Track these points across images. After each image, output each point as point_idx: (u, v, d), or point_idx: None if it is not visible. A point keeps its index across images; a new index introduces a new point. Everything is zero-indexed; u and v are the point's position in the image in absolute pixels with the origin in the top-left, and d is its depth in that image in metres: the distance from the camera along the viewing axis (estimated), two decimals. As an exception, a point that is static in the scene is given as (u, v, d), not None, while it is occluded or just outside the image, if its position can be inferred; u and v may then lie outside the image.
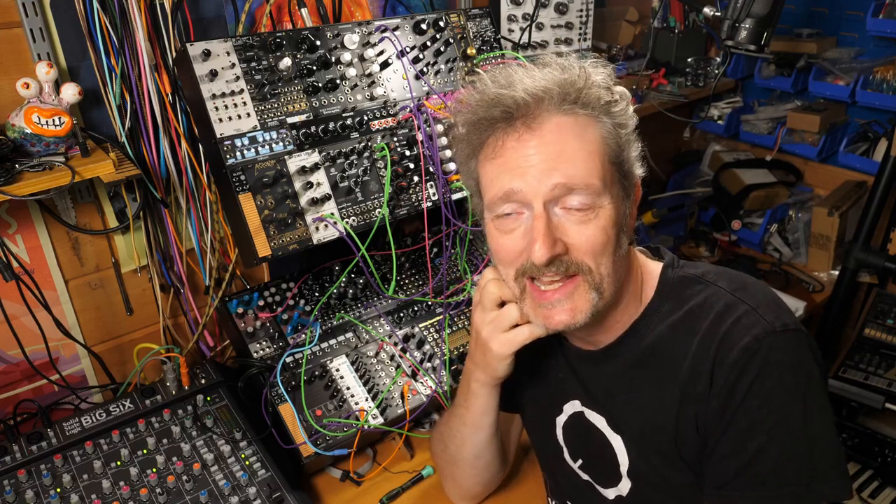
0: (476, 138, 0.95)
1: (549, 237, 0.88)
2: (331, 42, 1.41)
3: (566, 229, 0.90)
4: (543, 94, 0.89)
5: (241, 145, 1.29)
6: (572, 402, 1.10)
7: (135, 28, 1.32)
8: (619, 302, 0.99)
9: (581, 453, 1.12)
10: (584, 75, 0.91)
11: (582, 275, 0.90)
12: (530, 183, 0.89)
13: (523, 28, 1.77)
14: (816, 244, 2.44)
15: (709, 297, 0.96)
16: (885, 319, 2.21)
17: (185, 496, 1.22)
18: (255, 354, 1.43)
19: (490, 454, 1.21)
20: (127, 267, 1.53)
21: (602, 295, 0.92)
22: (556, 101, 0.89)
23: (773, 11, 1.61)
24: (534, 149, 0.89)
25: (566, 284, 0.91)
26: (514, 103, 0.89)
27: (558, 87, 0.89)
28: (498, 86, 0.92)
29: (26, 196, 1.15)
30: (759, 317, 0.91)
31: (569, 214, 0.89)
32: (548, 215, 0.89)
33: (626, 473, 1.03)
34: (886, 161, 2.11)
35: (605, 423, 1.05)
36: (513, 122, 0.91)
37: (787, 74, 2.55)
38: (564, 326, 0.93)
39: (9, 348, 1.42)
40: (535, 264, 0.89)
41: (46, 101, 1.22)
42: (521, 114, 0.90)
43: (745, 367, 0.88)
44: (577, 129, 0.90)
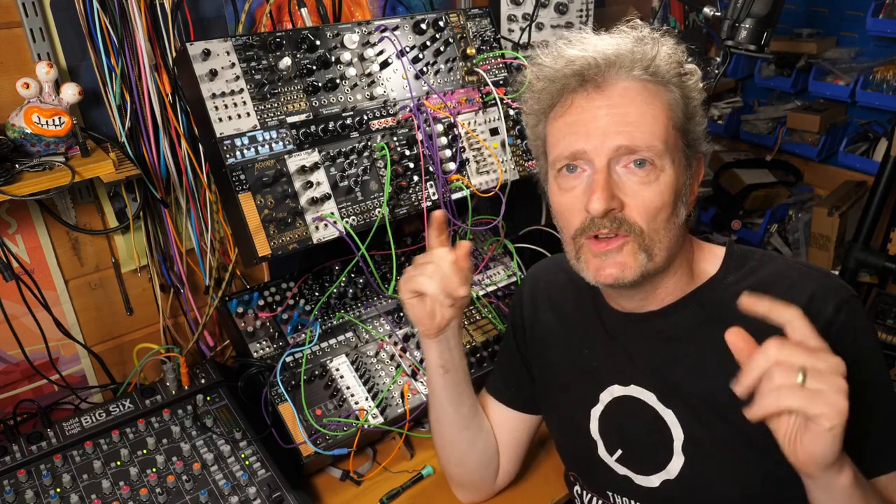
0: (547, 98, 0.99)
1: (607, 189, 0.91)
2: (331, 42, 1.41)
3: (625, 187, 0.92)
4: (615, 57, 0.93)
5: (241, 145, 1.29)
6: (609, 389, 1.09)
7: (135, 28, 1.32)
8: (671, 270, 1.00)
9: (620, 443, 1.10)
10: (657, 47, 0.95)
11: (633, 235, 0.93)
12: (594, 143, 0.92)
13: (523, 28, 1.77)
14: (816, 244, 2.45)
15: (779, 266, 1.00)
16: (885, 319, 2.21)
17: (185, 496, 1.22)
18: (255, 354, 1.43)
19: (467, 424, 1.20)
20: (127, 267, 1.53)
21: (652, 258, 0.94)
22: (627, 67, 0.93)
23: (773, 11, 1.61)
24: (601, 109, 0.92)
25: (618, 238, 0.93)
26: (586, 63, 0.93)
27: (630, 53, 0.93)
28: (571, 47, 0.96)
29: (26, 196, 1.15)
30: (836, 282, 0.96)
31: (630, 174, 0.92)
32: (608, 171, 0.92)
33: (681, 449, 1.02)
34: (886, 161, 2.11)
35: (656, 398, 1.04)
36: (584, 83, 0.94)
37: (787, 74, 2.55)
38: (613, 280, 0.95)
39: (9, 348, 1.42)
40: (591, 214, 0.92)
41: (46, 101, 1.22)
42: (591, 74, 0.93)
43: (842, 325, 0.92)
44: (646, 93, 0.93)
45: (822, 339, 0.86)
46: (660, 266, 0.96)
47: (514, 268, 1.74)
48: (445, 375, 1.15)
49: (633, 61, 0.93)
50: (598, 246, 0.94)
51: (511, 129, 1.63)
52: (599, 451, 1.12)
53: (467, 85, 1.58)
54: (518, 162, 1.64)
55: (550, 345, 1.19)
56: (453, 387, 1.17)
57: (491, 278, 1.72)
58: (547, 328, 1.20)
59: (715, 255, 1.05)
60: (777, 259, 1.03)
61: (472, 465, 1.24)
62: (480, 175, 1.58)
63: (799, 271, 0.99)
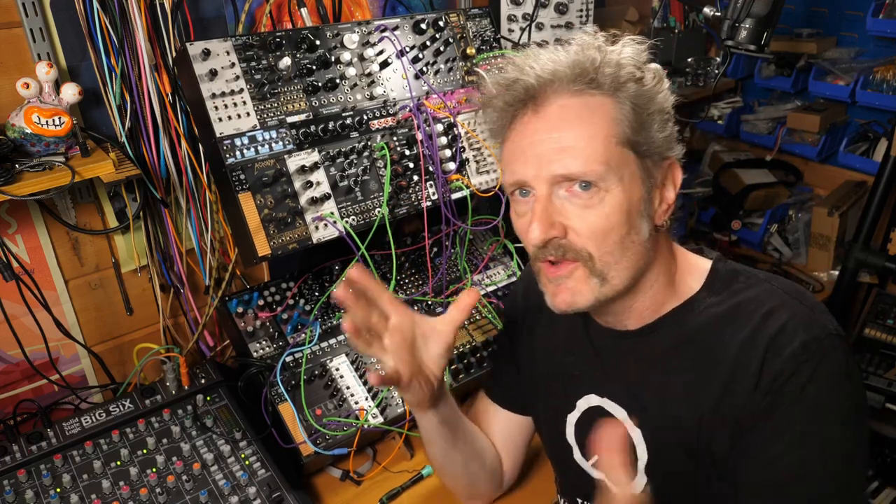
0: (499, 122, 0.97)
1: (544, 219, 0.88)
2: (330, 42, 1.41)
3: (568, 213, 0.89)
4: (552, 76, 0.89)
5: (241, 145, 1.29)
6: (587, 397, 1.08)
7: (135, 28, 1.32)
8: (642, 288, 0.96)
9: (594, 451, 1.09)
10: (604, 52, 0.89)
11: (581, 261, 0.89)
12: (532, 171, 0.89)
13: (523, 28, 1.77)
14: (816, 244, 2.44)
15: (761, 293, 0.94)
16: (885, 319, 2.21)
17: (185, 496, 1.22)
18: (254, 354, 1.43)
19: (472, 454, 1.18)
20: (127, 267, 1.53)
21: (606, 281, 0.90)
22: (566, 82, 0.88)
23: (773, 11, 1.61)
24: (538, 134, 0.90)
25: (566, 264, 0.91)
26: (523, 87, 0.90)
27: (570, 67, 0.88)
28: (513, 68, 0.93)
29: (26, 196, 1.15)
30: (815, 317, 0.89)
31: (573, 197, 0.89)
32: (550, 198, 0.89)
33: (644, 469, 1.00)
34: (886, 161, 2.11)
35: (626, 415, 1.02)
36: (523, 106, 0.92)
37: (787, 74, 2.55)
38: (566, 307, 0.92)
39: (9, 348, 1.42)
40: (532, 245, 0.90)
41: (46, 101, 1.22)
42: (530, 96, 0.90)
43: (802, 364, 0.85)
44: (584, 112, 0.88)
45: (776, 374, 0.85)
46: (620, 288, 0.92)
47: (513, 268, 1.74)
48: (445, 427, 1.10)
49: (573, 75, 0.88)
50: (551, 271, 0.92)
51: (511, 129, 1.63)
52: (575, 456, 1.12)
53: (467, 85, 1.58)
54: (518, 162, 1.63)
55: (538, 346, 1.18)
56: (454, 432, 1.13)
57: (491, 278, 1.72)
58: (537, 329, 1.19)
59: (700, 271, 1.00)
60: (763, 282, 0.96)
61: (481, 484, 1.24)
62: (480, 175, 1.58)
63: (780, 299, 0.92)
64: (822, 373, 0.85)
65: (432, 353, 0.99)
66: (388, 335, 0.93)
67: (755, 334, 0.90)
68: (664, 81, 0.92)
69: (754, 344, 0.89)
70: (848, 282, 2.23)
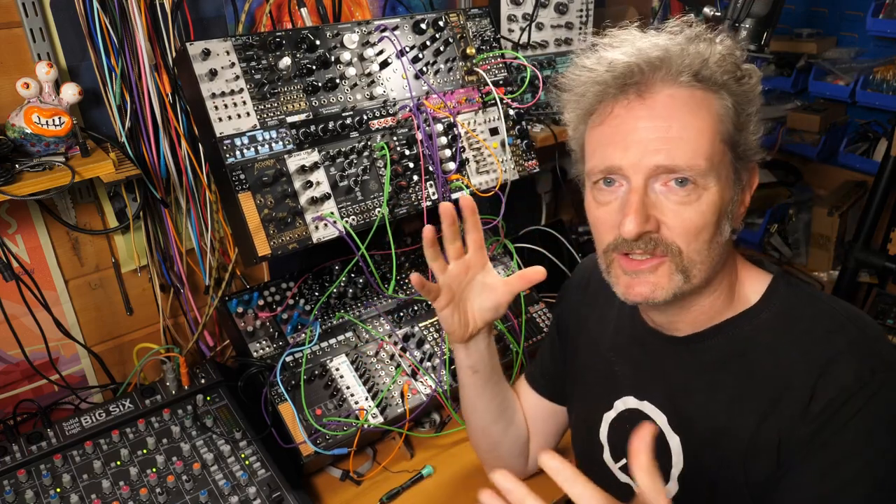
0: (587, 101, 0.92)
1: (641, 212, 0.84)
2: (330, 42, 1.41)
3: (663, 207, 0.86)
4: (660, 62, 0.85)
5: (241, 144, 1.29)
6: (625, 399, 1.06)
7: (135, 28, 1.32)
8: (709, 290, 0.94)
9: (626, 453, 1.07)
10: (711, 47, 0.86)
11: (671, 255, 0.87)
12: (632, 159, 0.85)
13: (523, 28, 1.77)
14: (816, 244, 2.44)
15: (819, 313, 0.91)
16: (885, 319, 2.21)
17: (185, 496, 1.22)
18: (254, 354, 1.43)
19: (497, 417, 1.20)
20: (127, 267, 1.53)
21: (689, 279, 0.88)
22: (674, 72, 0.85)
23: (773, 11, 1.61)
24: (642, 120, 0.85)
25: (652, 259, 0.88)
26: (627, 69, 0.85)
27: (679, 56, 0.85)
28: (615, 50, 0.88)
29: (26, 196, 1.15)
30: (874, 347, 0.86)
31: (669, 192, 0.85)
32: (645, 190, 0.85)
33: (678, 477, 0.98)
34: (886, 161, 2.11)
35: (666, 421, 1.00)
36: (625, 89, 0.86)
37: (787, 74, 2.55)
38: (643, 299, 0.90)
39: (9, 348, 1.42)
40: (624, 238, 0.86)
41: (46, 101, 1.22)
42: (634, 80, 0.86)
43: (853, 395, 0.82)
44: (692, 104, 0.85)
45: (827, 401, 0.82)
46: (697, 286, 0.90)
47: (513, 268, 1.74)
48: (475, 375, 1.15)
49: (681, 66, 0.84)
50: (630, 264, 0.89)
51: (511, 129, 1.63)
52: (605, 456, 1.11)
53: (467, 85, 1.58)
54: (518, 162, 1.64)
55: (584, 340, 1.17)
56: (483, 385, 1.16)
57: (491, 278, 1.72)
58: (585, 322, 1.18)
59: (760, 283, 0.97)
60: (823, 303, 0.93)
61: (503, 452, 1.25)
62: (480, 175, 1.58)
63: (839, 323, 0.88)
64: (873, 409, 0.82)
65: (483, 303, 1.08)
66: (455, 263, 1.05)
67: (808, 357, 0.87)
68: (759, 84, 0.90)
69: (807, 367, 0.87)
70: (848, 282, 2.23)
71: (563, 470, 0.69)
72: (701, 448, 0.96)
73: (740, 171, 0.90)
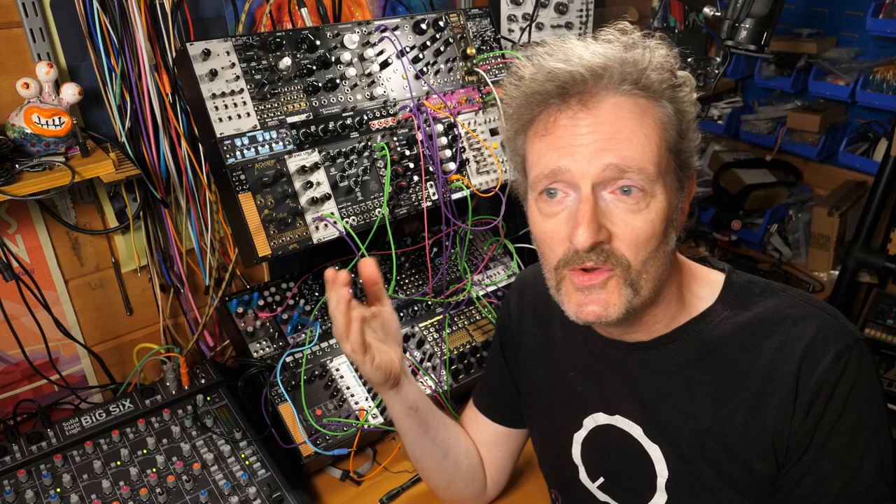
0: (527, 113, 0.90)
1: (594, 221, 0.82)
2: (331, 42, 1.41)
3: (612, 216, 0.84)
4: (603, 71, 0.83)
5: (241, 145, 1.29)
6: (594, 416, 1.04)
7: (135, 28, 1.32)
8: (659, 300, 0.93)
9: (603, 471, 1.05)
10: (648, 55, 0.85)
11: (620, 269, 0.85)
12: (579, 162, 0.83)
13: (523, 28, 1.77)
14: (816, 244, 2.44)
15: (779, 303, 0.92)
16: (885, 319, 2.20)
17: (185, 496, 1.22)
18: (255, 354, 1.43)
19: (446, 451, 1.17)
20: (127, 267, 1.53)
21: (638, 292, 0.87)
22: (616, 81, 0.83)
23: (773, 11, 1.61)
24: (587, 127, 0.83)
25: (602, 272, 0.85)
26: (570, 78, 0.84)
27: (619, 65, 0.84)
28: (554, 59, 0.86)
29: (26, 196, 1.15)
30: (841, 325, 0.88)
31: (618, 201, 0.84)
32: (595, 199, 0.83)
33: (665, 486, 0.97)
34: (886, 161, 2.11)
35: (642, 432, 0.98)
36: (567, 99, 0.85)
37: (787, 74, 2.55)
38: (595, 318, 0.87)
39: (9, 348, 1.42)
40: (577, 249, 0.84)
41: (46, 101, 1.22)
42: (576, 90, 0.84)
43: (841, 375, 0.85)
44: (636, 111, 0.84)
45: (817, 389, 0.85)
46: (646, 299, 0.88)
47: (513, 268, 1.74)
48: (417, 413, 1.11)
49: (622, 74, 0.83)
50: (582, 279, 0.86)
51: (511, 129, 1.63)
52: (580, 476, 1.08)
53: (467, 85, 1.58)
54: (518, 162, 1.63)
55: (536, 360, 1.14)
56: (426, 421, 1.13)
57: (491, 278, 1.72)
58: (532, 342, 1.15)
59: (712, 283, 0.98)
60: (779, 293, 0.94)
61: (459, 485, 1.22)
62: (480, 175, 1.58)
63: (802, 309, 0.90)
64: (859, 384, 0.85)
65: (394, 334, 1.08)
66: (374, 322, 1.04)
67: (784, 346, 0.88)
68: (694, 91, 0.90)
69: (784, 356, 0.88)
70: (848, 282, 2.23)
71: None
72: (686, 452, 0.94)
73: (682, 178, 0.90)
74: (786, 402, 0.86)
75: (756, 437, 0.89)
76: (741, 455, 0.90)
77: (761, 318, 0.92)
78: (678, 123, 0.87)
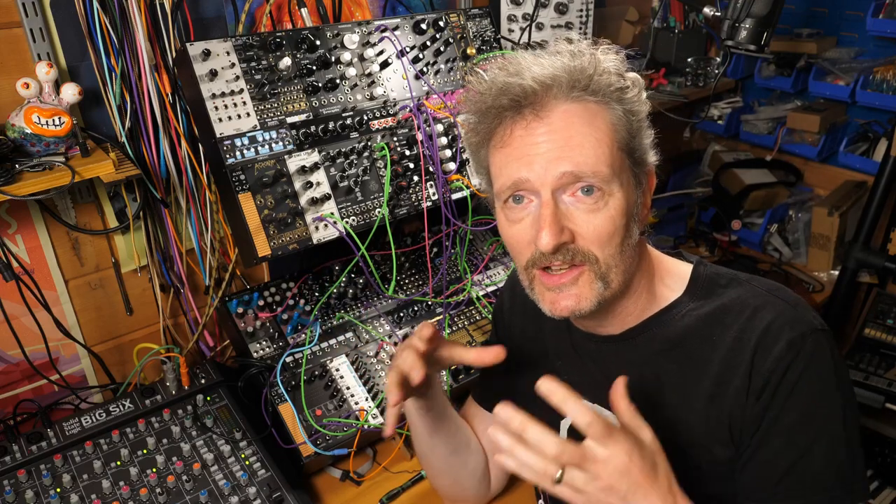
0: (485, 127, 0.95)
1: (555, 225, 0.87)
2: (331, 42, 1.41)
3: (574, 217, 0.89)
4: (552, 81, 0.88)
5: (241, 145, 1.29)
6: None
7: (135, 28, 1.32)
8: (629, 292, 0.98)
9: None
10: (595, 62, 0.90)
11: (588, 264, 0.90)
12: (538, 171, 0.88)
13: (523, 28, 1.77)
14: (816, 244, 2.44)
15: (742, 294, 0.96)
16: (885, 319, 2.21)
17: (185, 496, 1.22)
18: (255, 354, 1.43)
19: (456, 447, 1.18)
20: (127, 267, 1.53)
21: (608, 285, 0.91)
22: (565, 89, 0.88)
23: (773, 11, 1.61)
24: (541, 136, 0.88)
25: (572, 270, 0.91)
26: (521, 91, 0.89)
27: (567, 73, 0.89)
28: (506, 73, 0.91)
29: (26, 196, 1.15)
30: (799, 314, 0.92)
31: (577, 202, 0.89)
32: (555, 203, 0.88)
33: None
34: (886, 161, 2.11)
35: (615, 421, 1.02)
36: (521, 111, 0.90)
37: (787, 74, 2.55)
38: (570, 312, 0.93)
39: (9, 348, 1.42)
40: (542, 252, 0.89)
41: (46, 101, 1.22)
42: (528, 101, 0.89)
43: (792, 362, 0.88)
44: (587, 115, 0.89)
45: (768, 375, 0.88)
46: (616, 292, 0.93)
47: (513, 269, 1.74)
48: (429, 413, 1.12)
49: (570, 81, 0.88)
50: (551, 280, 0.92)
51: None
52: None
53: (467, 85, 1.58)
54: (518, 162, 1.64)
55: (527, 349, 1.18)
56: (438, 420, 1.14)
57: (491, 278, 1.72)
58: (523, 333, 1.19)
59: (680, 275, 1.02)
60: (745, 284, 0.98)
61: (466, 483, 1.23)
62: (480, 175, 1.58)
63: (763, 299, 0.94)
64: (810, 371, 0.88)
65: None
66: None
67: (742, 335, 0.92)
68: (643, 90, 0.94)
69: (741, 345, 0.92)
70: (848, 282, 2.24)
71: (556, 392, 0.81)
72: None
73: (639, 175, 0.94)
74: (740, 389, 0.91)
75: (715, 424, 0.93)
76: (703, 442, 0.94)
77: (723, 309, 0.96)
78: (628, 124, 0.91)
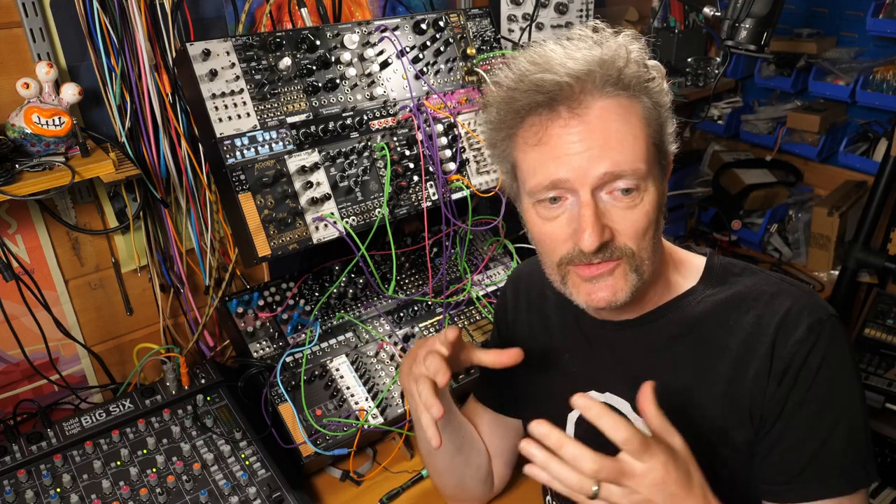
0: (513, 120, 0.92)
1: (598, 225, 0.87)
2: (331, 42, 1.41)
3: (612, 215, 0.89)
4: (586, 76, 0.86)
5: (241, 145, 1.29)
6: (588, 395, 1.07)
7: (135, 28, 1.32)
8: (651, 281, 0.98)
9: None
10: (624, 52, 0.88)
11: (626, 258, 0.90)
12: (577, 171, 0.86)
13: (523, 28, 1.77)
14: (816, 244, 2.44)
15: (758, 282, 0.98)
16: (885, 319, 2.20)
17: (185, 496, 1.22)
18: (255, 354, 1.43)
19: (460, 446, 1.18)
20: (127, 267, 1.53)
21: (642, 276, 0.92)
22: (599, 84, 0.86)
23: (773, 11, 1.61)
24: (578, 135, 0.86)
25: (609, 263, 0.90)
26: (556, 87, 0.86)
27: (599, 67, 0.86)
28: (537, 68, 0.88)
29: (26, 196, 1.15)
30: (815, 300, 0.94)
31: (615, 200, 0.88)
32: (595, 202, 0.87)
33: None
34: (886, 161, 2.11)
35: (630, 407, 1.02)
36: (555, 108, 0.87)
37: (787, 74, 2.54)
38: (606, 304, 0.92)
39: (9, 348, 1.42)
40: (584, 251, 0.88)
41: (46, 101, 1.22)
42: (564, 97, 0.87)
43: (813, 346, 0.89)
44: (622, 111, 0.88)
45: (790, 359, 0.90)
46: (647, 282, 0.94)
47: (513, 268, 1.74)
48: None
49: (604, 76, 0.86)
50: (588, 270, 0.91)
51: (511, 129, 1.63)
52: None
53: (467, 85, 1.58)
54: (518, 162, 1.64)
55: (531, 345, 1.16)
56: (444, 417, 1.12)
57: (491, 278, 1.72)
58: (528, 329, 1.19)
59: (694, 266, 1.03)
60: (758, 273, 1.00)
61: (470, 483, 1.23)
62: (480, 175, 1.58)
63: (778, 286, 0.96)
64: (831, 355, 0.90)
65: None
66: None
67: (761, 319, 0.93)
68: (664, 79, 0.94)
69: (761, 329, 0.92)
70: (848, 282, 2.23)
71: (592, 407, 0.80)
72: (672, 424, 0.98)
73: (664, 165, 0.95)
74: (761, 372, 0.91)
75: (734, 407, 0.94)
76: (721, 425, 0.95)
77: (740, 295, 0.97)
78: (658, 116, 0.91)
